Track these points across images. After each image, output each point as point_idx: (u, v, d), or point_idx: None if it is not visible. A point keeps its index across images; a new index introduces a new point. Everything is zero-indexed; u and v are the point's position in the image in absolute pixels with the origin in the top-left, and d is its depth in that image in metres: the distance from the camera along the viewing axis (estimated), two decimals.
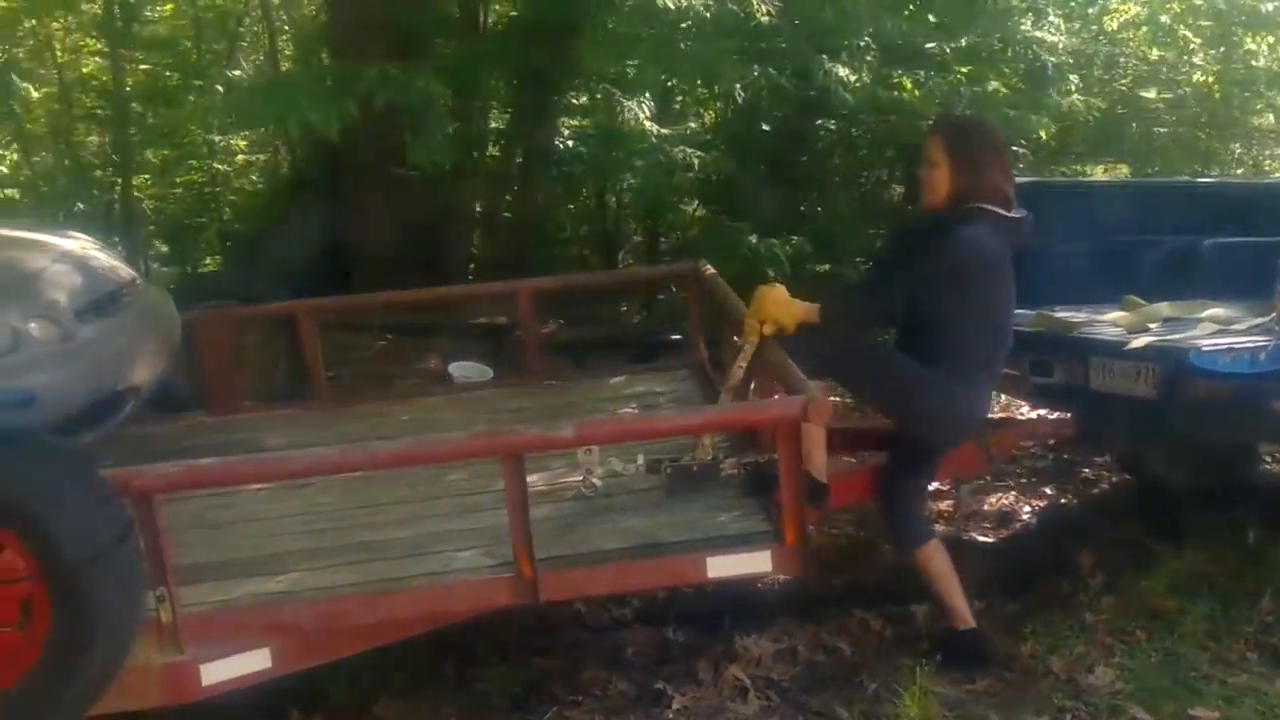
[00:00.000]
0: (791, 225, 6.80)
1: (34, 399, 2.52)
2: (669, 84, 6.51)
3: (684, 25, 6.01)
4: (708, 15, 5.89)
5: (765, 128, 7.64)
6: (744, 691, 3.14)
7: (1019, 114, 6.00)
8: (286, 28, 10.79)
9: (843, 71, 6.12)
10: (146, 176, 10.83)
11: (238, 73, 10.68)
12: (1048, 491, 4.69)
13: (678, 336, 4.21)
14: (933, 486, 3.99)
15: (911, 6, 6.49)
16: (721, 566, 2.71)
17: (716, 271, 4.27)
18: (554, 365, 5.53)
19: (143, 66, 11.19)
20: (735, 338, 3.21)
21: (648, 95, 6.27)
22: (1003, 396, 4.74)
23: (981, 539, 4.30)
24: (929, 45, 6.68)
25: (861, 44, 5.90)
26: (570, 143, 6.80)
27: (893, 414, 3.26)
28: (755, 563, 2.73)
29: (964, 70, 7.17)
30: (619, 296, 7.27)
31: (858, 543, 4.25)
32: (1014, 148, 8.31)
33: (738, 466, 3.18)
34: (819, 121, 7.73)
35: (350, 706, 3.07)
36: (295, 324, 4.27)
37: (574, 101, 6.97)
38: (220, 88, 9.71)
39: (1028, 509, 4.54)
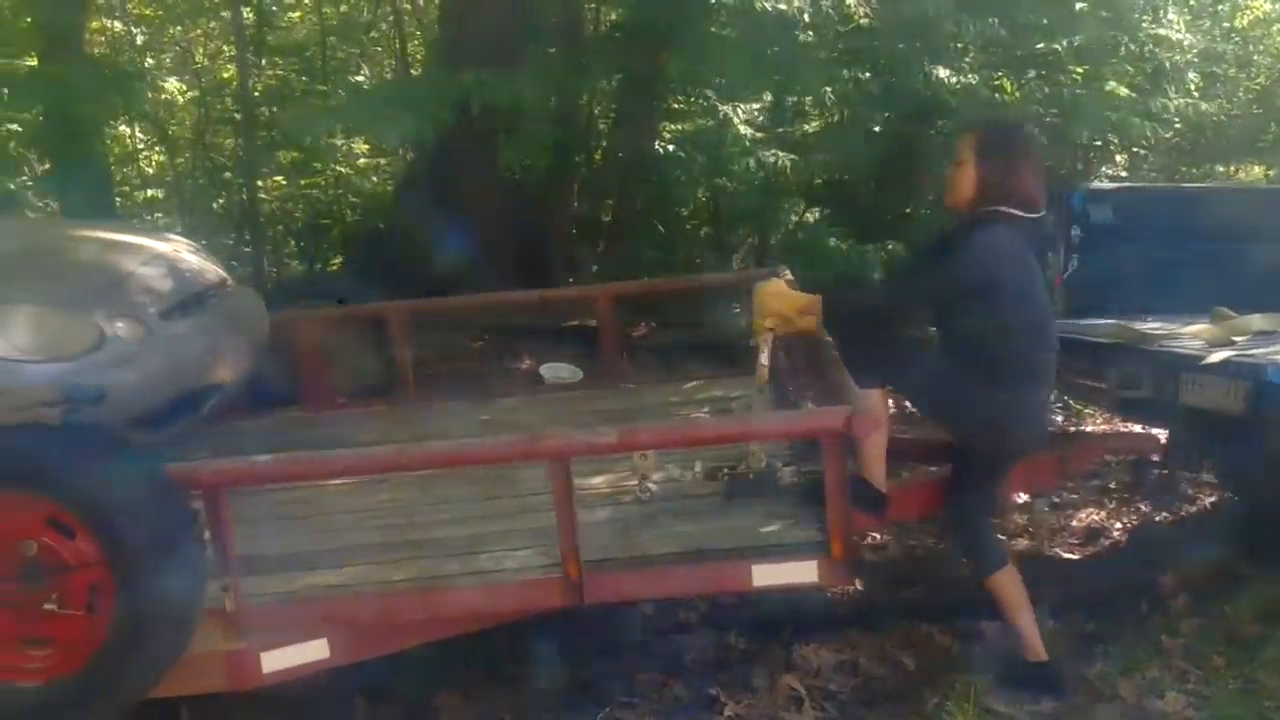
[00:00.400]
0: (891, 230, 6.72)
1: (104, 395, 2.67)
2: (768, 88, 6.46)
3: (779, 30, 5.99)
4: (804, 19, 5.85)
5: (875, 129, 7.55)
6: (799, 701, 3.14)
7: (1120, 116, 5.75)
8: (417, 34, 11.12)
9: (943, 73, 6.00)
10: (280, 179, 11.33)
11: (361, 78, 11.08)
12: (1143, 509, 4.52)
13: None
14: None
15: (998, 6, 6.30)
16: (767, 575, 2.71)
17: (800, 277, 4.23)
18: (642, 368, 5.59)
19: (275, 72, 11.74)
20: (751, 341, 3.19)
21: (745, 100, 6.26)
22: (1089, 409, 4.59)
23: (1067, 555, 4.18)
24: (1039, 46, 6.51)
25: (959, 45, 5.76)
26: (671, 146, 6.82)
27: (948, 426, 3.19)
28: (802, 572, 2.71)
29: (1079, 70, 6.96)
30: (721, 300, 7.29)
31: (935, 555, 4.18)
32: (1136, 149, 8.04)
33: (797, 475, 3.16)
34: (937, 123, 7.60)
35: (412, 698, 3.17)
36: (385, 324, 4.40)
37: (675, 106, 7.01)
38: (343, 93, 10.09)
39: (1119, 526, 4.38)
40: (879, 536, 4.34)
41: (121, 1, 10.99)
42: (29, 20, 9.13)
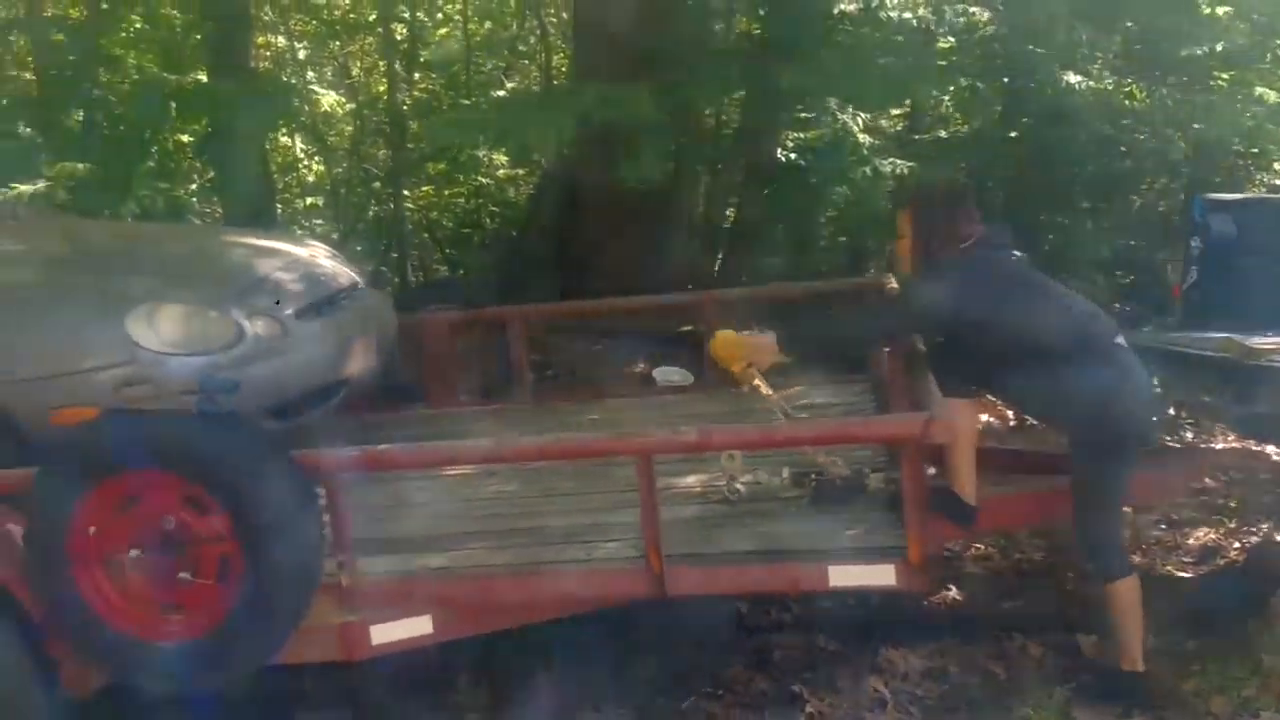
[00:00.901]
0: (1029, 236, 6.63)
1: (238, 386, 2.95)
2: (892, 96, 6.49)
3: (904, 39, 6.02)
4: (928, 27, 5.87)
5: (1013, 134, 7.49)
6: (883, 703, 3.21)
7: (1257, 123, 5.56)
8: (563, 47, 11.47)
9: (1073, 78, 5.92)
10: (428, 188, 11.86)
11: (502, 92, 11.49)
12: (1264, 528, 4.38)
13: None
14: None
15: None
16: (844, 576, 2.80)
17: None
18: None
19: (424, 86, 12.28)
20: (743, 389, 3.39)
21: (868, 108, 6.31)
22: (1211, 423, 4.46)
23: (1178, 574, 4.10)
24: (1182, 52, 6.33)
25: (1084, 52, 5.67)
26: (793, 154, 6.91)
27: (1062, 423, 3.21)
28: (879, 575, 2.80)
29: (1224, 76, 6.74)
30: (839, 306, 7.33)
31: (1037, 567, 4.16)
32: None
33: (884, 482, 3.23)
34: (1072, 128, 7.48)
35: (512, 677, 3.37)
36: (505, 328, 4.64)
37: (800, 115, 7.07)
38: (485, 106, 10.49)
39: (1236, 546, 4.27)
40: (984, 547, 4.35)
41: (285, 18, 11.65)
42: (198, 37, 9.83)
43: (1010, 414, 4.93)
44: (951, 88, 6.23)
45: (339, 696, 3.33)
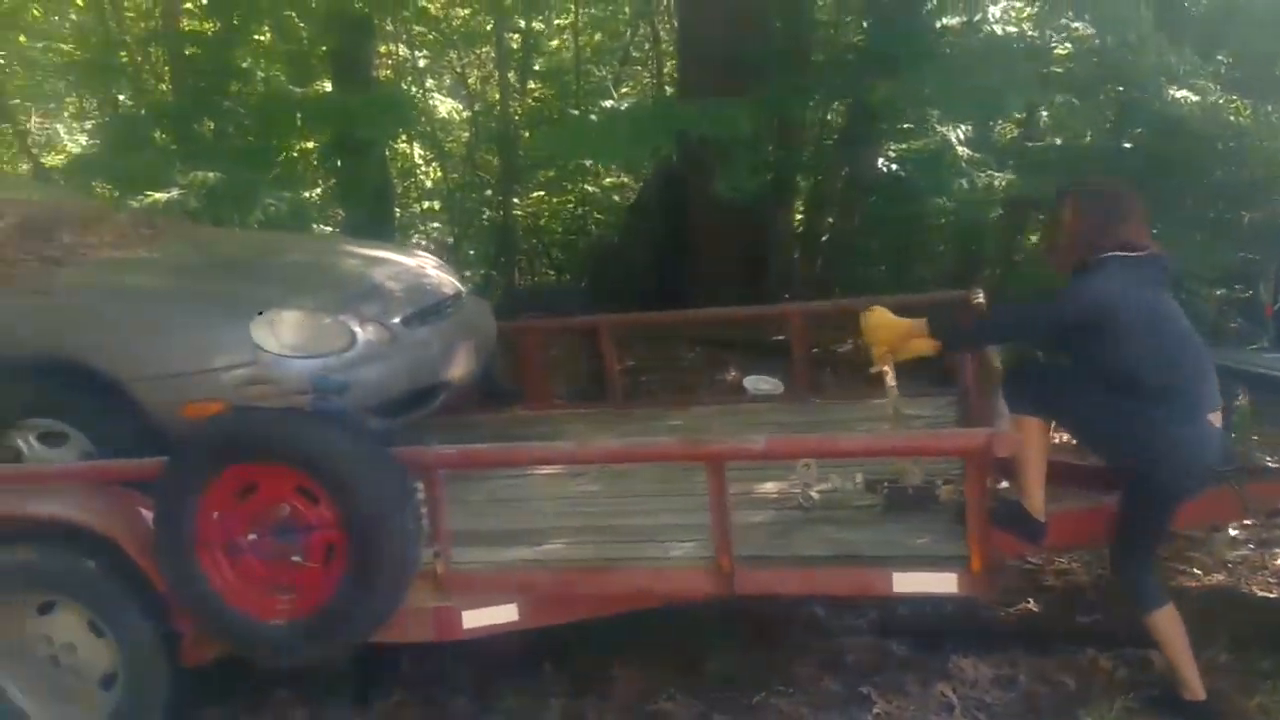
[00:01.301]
0: None
1: (348, 386, 3.21)
2: (995, 109, 6.50)
3: (1008, 52, 6.05)
4: (1036, 42, 5.89)
5: (1126, 145, 7.40)
6: (950, 708, 3.30)
7: None
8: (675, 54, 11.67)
9: (1178, 93, 5.87)
10: (541, 193, 12.20)
11: (609, 102, 11.75)
12: None
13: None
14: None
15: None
16: (908, 583, 2.91)
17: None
18: (848, 383, 5.80)
19: (536, 94, 12.63)
20: (871, 370, 3.36)
21: (970, 120, 6.34)
22: None
23: (1261, 593, 4.08)
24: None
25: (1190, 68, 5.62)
26: (894, 166, 6.97)
27: (1116, 462, 3.24)
28: (941, 583, 2.90)
29: None
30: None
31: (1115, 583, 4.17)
32: None
33: (956, 492, 3.32)
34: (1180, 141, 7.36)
35: (592, 666, 3.57)
36: (597, 335, 4.86)
37: (900, 126, 7.13)
38: (594, 117, 10.76)
39: None
40: (1067, 562, 4.38)
41: (406, 28, 12.09)
42: (324, 49, 10.31)
43: None
44: (1056, 101, 6.18)
45: (434, 677, 3.59)
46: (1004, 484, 3.40)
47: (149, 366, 3.45)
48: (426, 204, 13.47)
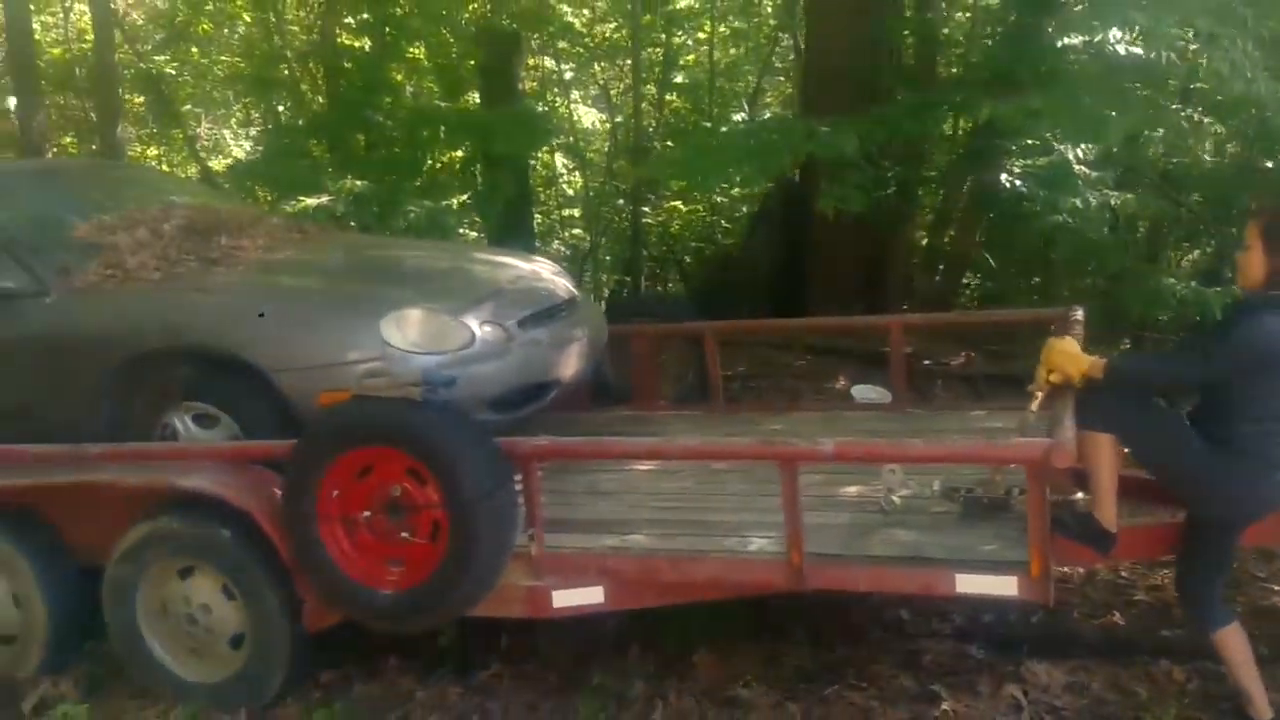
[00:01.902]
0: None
1: (455, 381, 3.51)
2: (1117, 128, 6.47)
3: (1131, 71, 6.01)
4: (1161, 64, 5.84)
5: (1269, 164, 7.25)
6: (1018, 709, 3.41)
7: None
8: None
9: None
10: (678, 202, 12.50)
11: (740, 115, 11.97)
12: None
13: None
14: None
15: None
16: (969, 584, 3.05)
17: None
18: (953, 395, 5.88)
19: (673, 107, 12.93)
20: (1028, 386, 3.45)
21: (1092, 139, 6.31)
22: None
23: None
24: None
25: None
26: (1018, 182, 6.98)
27: (1186, 496, 3.29)
28: (1002, 585, 3.03)
29: None
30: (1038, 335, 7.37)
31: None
32: None
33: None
34: None
35: (676, 652, 3.80)
36: (702, 340, 5.09)
37: (1025, 143, 7.13)
38: (724, 129, 10.99)
39: None
40: (1160, 577, 4.39)
41: (552, 41, 12.55)
42: (471, 63, 10.82)
43: None
44: (1180, 119, 6.10)
45: (530, 653, 3.88)
46: (1079, 495, 3.49)
47: (291, 359, 3.81)
48: (567, 211, 13.97)
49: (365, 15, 9.57)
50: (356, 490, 3.32)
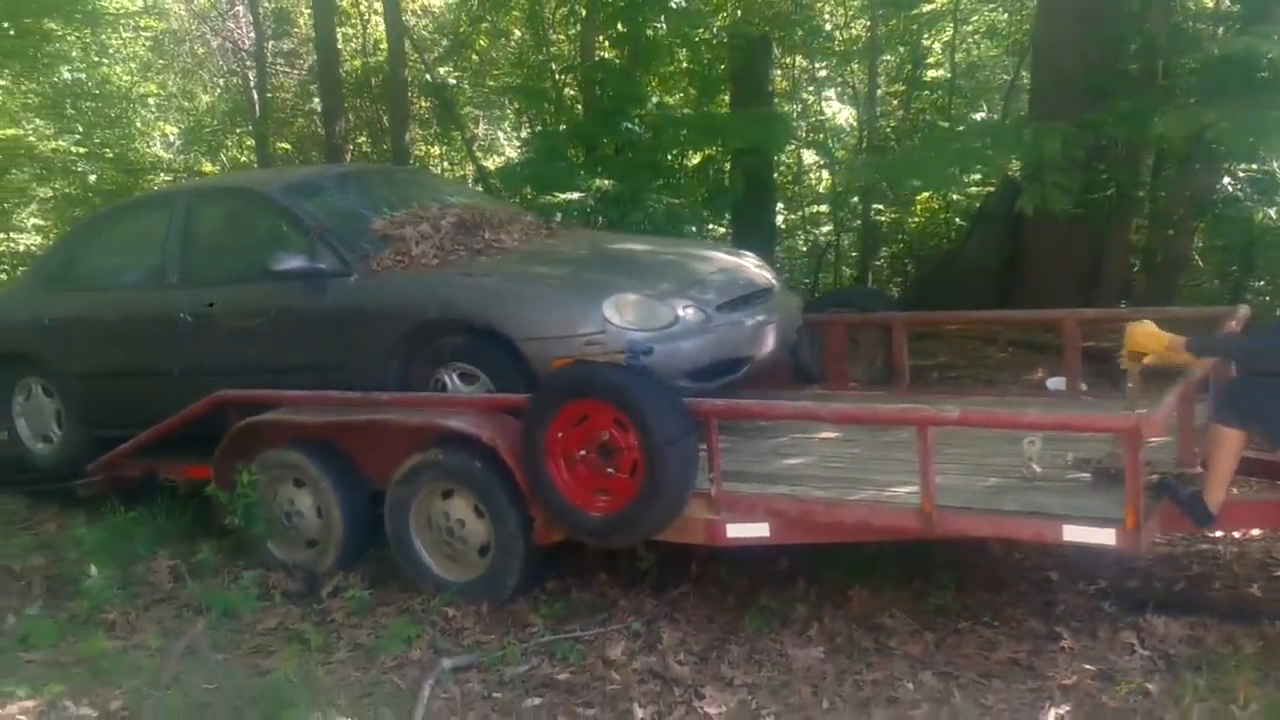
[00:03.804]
0: None
1: (652, 350, 4.31)
2: None
3: None
4: None
5: None
6: (1131, 651, 3.86)
7: None
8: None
9: None
10: (925, 195, 12.84)
11: (980, 115, 12.19)
12: None
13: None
14: None
15: None
16: (1074, 534, 3.56)
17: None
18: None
19: (917, 105, 13.27)
20: (1122, 368, 3.91)
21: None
22: None
23: None
24: None
25: None
26: (1233, 186, 7.10)
27: None
28: (1102, 535, 3.52)
29: None
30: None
31: None
32: None
33: (1152, 473, 3.86)
34: None
35: (837, 586, 4.47)
36: (890, 329, 5.68)
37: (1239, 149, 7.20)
38: (962, 129, 11.30)
39: None
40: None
41: (807, 40, 13.14)
42: (722, 67, 11.62)
43: None
44: None
45: (712, 579, 4.65)
46: (1200, 468, 3.88)
47: (534, 331, 4.70)
48: (816, 208, 14.55)
49: (621, 28, 10.48)
50: (575, 434, 4.17)
